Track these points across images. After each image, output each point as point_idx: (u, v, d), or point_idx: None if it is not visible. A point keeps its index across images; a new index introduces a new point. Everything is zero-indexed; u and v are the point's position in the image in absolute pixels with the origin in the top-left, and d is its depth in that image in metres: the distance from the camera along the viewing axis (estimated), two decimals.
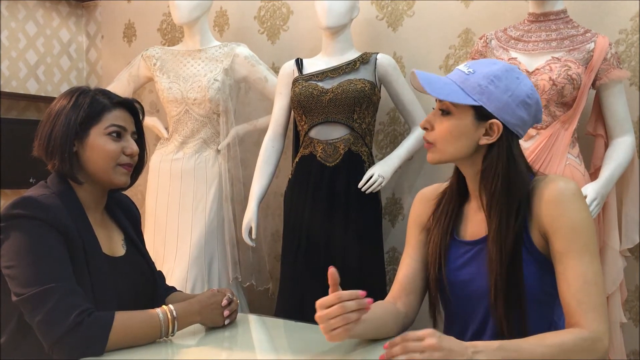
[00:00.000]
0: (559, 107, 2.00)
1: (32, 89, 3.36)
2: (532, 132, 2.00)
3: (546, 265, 1.20)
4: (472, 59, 2.19)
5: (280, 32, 2.92)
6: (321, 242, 2.24)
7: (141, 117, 1.48)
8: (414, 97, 2.35)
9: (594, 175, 2.05)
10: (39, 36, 3.40)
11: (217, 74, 2.56)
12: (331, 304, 1.08)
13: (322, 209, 2.25)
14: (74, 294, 1.21)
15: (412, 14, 2.59)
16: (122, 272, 1.39)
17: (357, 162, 2.27)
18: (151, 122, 2.75)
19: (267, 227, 2.89)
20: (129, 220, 1.52)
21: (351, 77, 2.28)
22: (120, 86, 2.76)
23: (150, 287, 1.48)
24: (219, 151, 2.59)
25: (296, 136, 2.46)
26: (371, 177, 2.23)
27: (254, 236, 2.36)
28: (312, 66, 2.38)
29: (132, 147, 1.40)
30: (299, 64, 2.41)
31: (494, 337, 1.19)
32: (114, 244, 1.43)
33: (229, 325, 1.42)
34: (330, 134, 2.28)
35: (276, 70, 2.69)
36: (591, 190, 1.91)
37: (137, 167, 1.46)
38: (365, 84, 2.25)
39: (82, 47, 3.64)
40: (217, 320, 1.38)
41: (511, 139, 1.22)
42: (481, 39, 2.18)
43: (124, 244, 1.46)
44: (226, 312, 1.39)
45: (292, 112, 2.43)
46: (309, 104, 2.28)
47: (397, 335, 1.07)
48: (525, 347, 1.06)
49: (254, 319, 1.60)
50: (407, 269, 1.36)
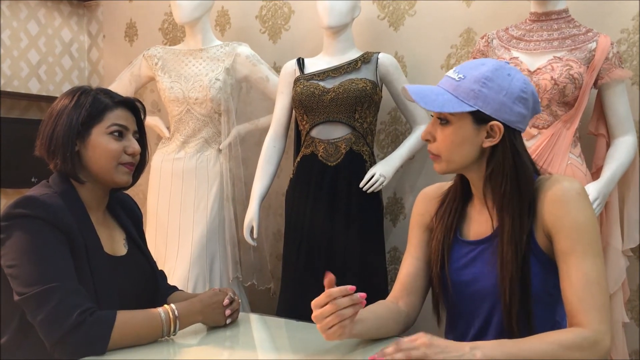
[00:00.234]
0: (561, 106, 2.00)
1: (33, 88, 3.36)
2: (534, 131, 2.00)
3: (549, 265, 1.20)
4: (474, 58, 2.18)
5: (281, 32, 2.92)
6: (323, 241, 2.24)
7: (143, 117, 1.48)
8: None
9: (595, 174, 2.05)
10: (40, 36, 3.40)
11: (218, 73, 2.56)
12: (324, 303, 1.09)
13: (323, 208, 2.25)
14: (76, 294, 1.21)
15: (413, 13, 2.59)
16: (124, 272, 1.39)
17: (358, 162, 2.27)
18: (153, 121, 2.75)
19: (269, 226, 2.89)
20: (131, 219, 1.53)
21: (352, 76, 2.28)
22: (121, 86, 2.76)
23: (151, 287, 1.49)
24: (220, 151, 2.59)
25: (297, 136, 2.46)
26: (372, 177, 2.23)
27: (255, 236, 2.36)
28: (313, 66, 2.38)
29: (134, 146, 1.40)
30: (301, 63, 2.41)
31: (496, 337, 1.20)
32: (115, 244, 1.43)
33: (231, 324, 1.42)
34: (331, 134, 2.28)
35: (277, 69, 2.69)
36: (593, 189, 1.90)
37: (139, 166, 1.46)
38: (366, 84, 2.25)
39: (84, 47, 3.64)
40: (218, 319, 1.38)
41: (514, 136, 1.22)
42: (483, 38, 2.17)
43: (125, 244, 1.46)
44: (228, 312, 1.39)
45: (294, 111, 2.43)
46: (310, 103, 2.27)
47: (398, 335, 1.07)
48: (525, 345, 1.06)
49: (255, 319, 1.60)
50: (409, 268, 1.36)
